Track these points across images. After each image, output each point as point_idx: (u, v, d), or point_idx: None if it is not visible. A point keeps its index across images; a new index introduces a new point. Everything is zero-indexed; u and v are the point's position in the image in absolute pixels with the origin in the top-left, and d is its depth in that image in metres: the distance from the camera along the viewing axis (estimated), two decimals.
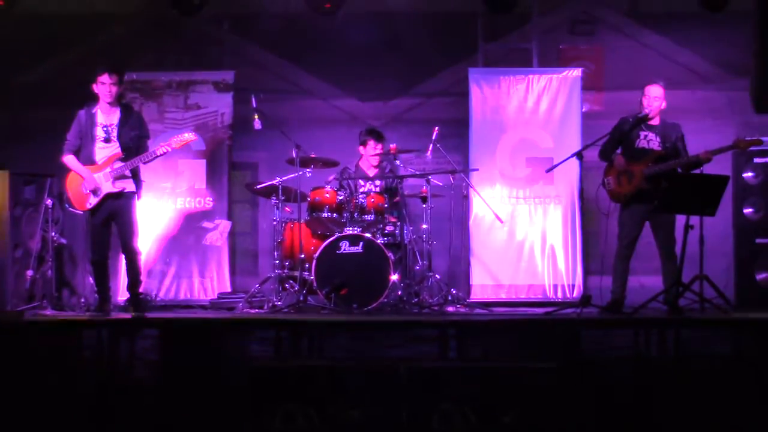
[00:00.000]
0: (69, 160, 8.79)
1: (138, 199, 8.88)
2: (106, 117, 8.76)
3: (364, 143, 10.14)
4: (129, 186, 8.73)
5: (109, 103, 8.76)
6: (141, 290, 9.01)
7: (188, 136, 8.92)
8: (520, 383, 7.45)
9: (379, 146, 10.00)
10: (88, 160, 8.73)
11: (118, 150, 8.69)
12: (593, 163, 9.41)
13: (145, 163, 8.76)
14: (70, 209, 9.00)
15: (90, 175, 8.65)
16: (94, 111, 8.78)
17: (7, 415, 7.80)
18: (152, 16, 11.19)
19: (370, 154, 10.05)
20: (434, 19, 11.13)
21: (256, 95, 9.56)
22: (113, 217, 8.79)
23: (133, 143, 8.73)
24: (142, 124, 8.93)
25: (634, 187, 8.86)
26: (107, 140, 8.72)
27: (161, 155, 8.77)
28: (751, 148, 9.58)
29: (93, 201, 8.69)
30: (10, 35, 10.72)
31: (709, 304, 8.65)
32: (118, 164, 8.65)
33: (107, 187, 8.65)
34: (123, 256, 8.98)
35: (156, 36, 11.19)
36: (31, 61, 11.28)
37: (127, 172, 8.68)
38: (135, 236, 8.82)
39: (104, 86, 8.70)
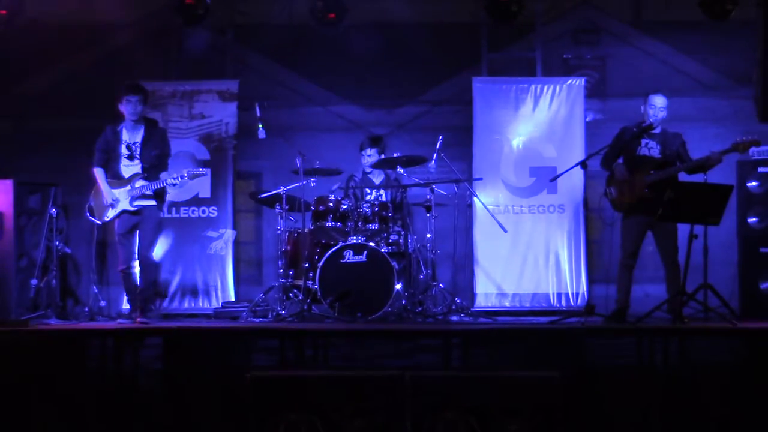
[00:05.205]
0: (96, 172, 9.22)
1: (160, 211, 9.32)
2: (130, 135, 9.18)
3: (361, 149, 10.17)
4: (149, 203, 9.13)
5: (133, 121, 9.15)
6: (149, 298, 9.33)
7: (202, 170, 9.37)
8: (524, 392, 7.45)
9: (372, 151, 10.04)
10: (115, 175, 9.18)
11: (141, 168, 9.10)
12: (597, 172, 9.40)
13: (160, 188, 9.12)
14: (90, 218, 9.30)
15: (109, 191, 9.10)
16: (119, 128, 9.20)
17: (13, 424, 7.82)
18: (156, 26, 11.20)
19: (365, 161, 10.11)
20: (438, 29, 11.13)
21: (261, 104, 9.59)
22: (135, 227, 9.19)
23: (155, 162, 9.13)
24: (164, 142, 9.32)
25: (635, 196, 8.85)
26: (130, 158, 9.15)
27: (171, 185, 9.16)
28: (756, 157, 9.62)
29: (110, 215, 9.13)
30: (14, 44, 10.74)
31: (714, 313, 8.64)
32: (140, 183, 9.05)
33: (124, 204, 9.09)
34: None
35: (160, 45, 11.20)
36: (35, 70, 11.28)
37: (149, 192, 9.07)
38: (152, 247, 9.25)
39: (130, 104, 9.11)
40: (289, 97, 11.30)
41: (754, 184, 9.82)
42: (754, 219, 9.79)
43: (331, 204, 9.63)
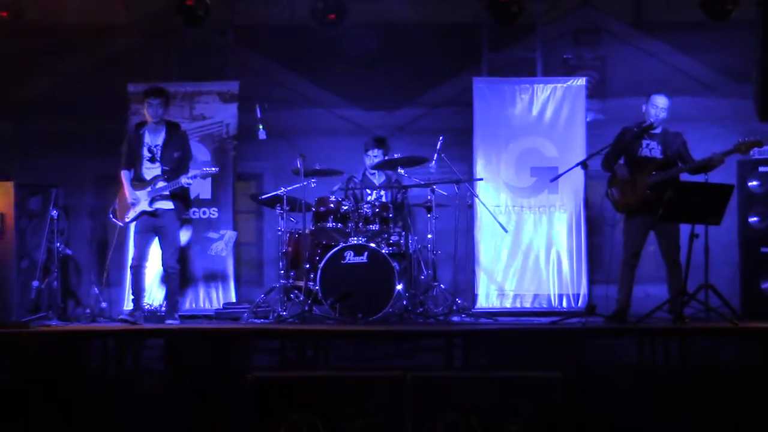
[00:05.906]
0: (123, 175, 9.38)
1: (181, 217, 9.53)
2: (152, 137, 9.34)
3: (366, 149, 10.18)
4: (167, 205, 9.27)
5: (155, 123, 9.31)
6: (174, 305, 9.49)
7: (214, 169, 9.60)
8: (525, 393, 7.46)
9: (377, 152, 10.05)
10: (138, 177, 9.34)
11: (161, 170, 9.23)
12: (598, 173, 9.40)
13: (177, 187, 9.25)
14: (113, 220, 9.50)
15: (131, 192, 9.26)
16: (141, 131, 9.37)
17: (14, 426, 7.83)
18: (157, 27, 11.20)
19: (369, 162, 10.12)
20: (439, 29, 11.13)
21: (261, 105, 9.59)
22: (155, 231, 9.33)
23: (175, 164, 9.26)
24: (185, 144, 9.47)
25: (637, 197, 8.84)
26: (152, 160, 9.30)
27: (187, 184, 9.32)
28: (756, 156, 9.62)
29: (131, 216, 9.27)
30: (15, 46, 10.75)
31: (715, 313, 8.63)
32: (160, 184, 9.19)
33: (143, 205, 9.21)
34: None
35: (160, 46, 11.21)
36: (36, 72, 11.29)
37: (166, 192, 9.20)
38: (174, 253, 9.37)
39: (151, 107, 9.27)
40: (290, 98, 11.30)
41: (754, 183, 9.82)
42: (755, 219, 9.79)
43: (332, 205, 9.63)
